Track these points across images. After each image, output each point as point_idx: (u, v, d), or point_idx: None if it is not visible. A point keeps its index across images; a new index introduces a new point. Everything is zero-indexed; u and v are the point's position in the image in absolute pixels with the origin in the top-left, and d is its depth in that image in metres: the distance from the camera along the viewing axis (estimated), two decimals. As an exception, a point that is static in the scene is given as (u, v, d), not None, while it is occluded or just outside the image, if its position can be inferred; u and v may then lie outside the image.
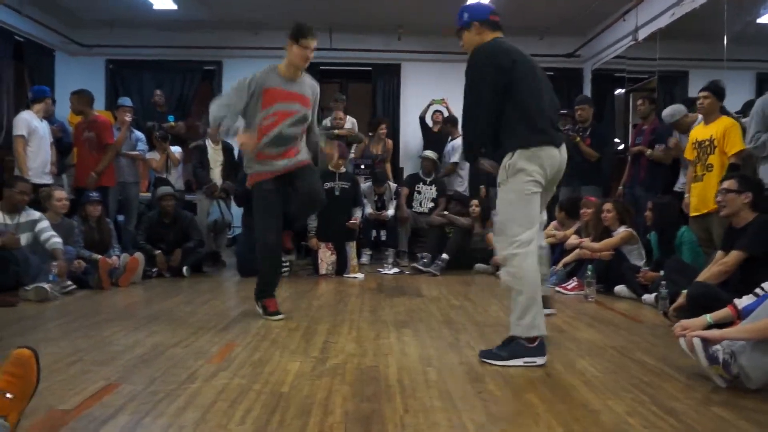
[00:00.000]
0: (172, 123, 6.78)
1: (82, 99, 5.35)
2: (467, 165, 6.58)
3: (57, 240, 4.15)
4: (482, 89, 2.49)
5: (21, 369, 1.67)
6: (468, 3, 2.69)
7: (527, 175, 2.44)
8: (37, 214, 4.24)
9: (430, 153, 6.44)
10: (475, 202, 5.83)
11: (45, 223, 4.22)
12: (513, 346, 2.42)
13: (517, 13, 6.96)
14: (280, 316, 3.32)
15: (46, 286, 3.83)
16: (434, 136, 7.02)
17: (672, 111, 4.72)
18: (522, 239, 2.43)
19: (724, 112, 4.22)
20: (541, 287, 2.50)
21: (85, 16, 7.28)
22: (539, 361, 2.40)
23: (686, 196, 4.34)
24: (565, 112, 6.79)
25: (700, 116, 4.37)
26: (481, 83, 2.49)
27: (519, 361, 2.39)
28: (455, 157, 6.65)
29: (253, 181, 3.34)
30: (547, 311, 2.74)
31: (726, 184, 3.14)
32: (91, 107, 5.43)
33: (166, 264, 5.01)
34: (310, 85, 3.51)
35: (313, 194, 3.36)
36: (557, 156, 2.53)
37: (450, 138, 6.78)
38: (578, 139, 5.52)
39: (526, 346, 2.40)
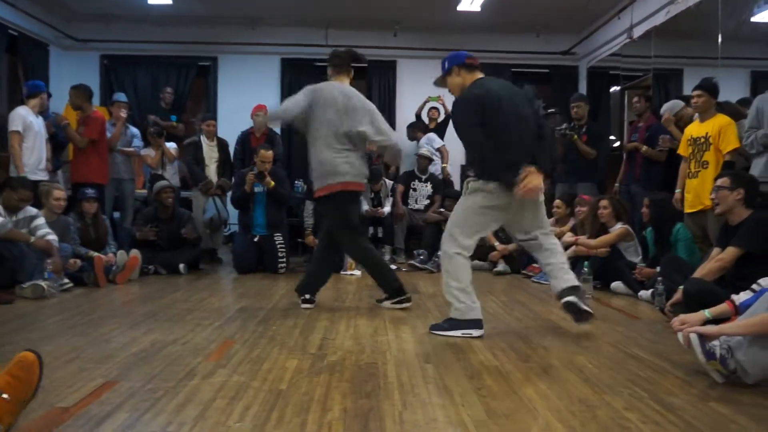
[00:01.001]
0: (174, 123, 6.76)
1: (80, 94, 5.32)
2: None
3: (52, 237, 4.14)
4: (474, 132, 2.87)
5: (23, 372, 1.66)
6: (448, 54, 3.13)
7: (482, 198, 2.90)
8: (34, 211, 4.23)
9: (425, 150, 6.46)
10: None
11: (41, 220, 4.20)
12: (452, 321, 2.91)
13: (513, 11, 6.98)
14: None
15: (43, 283, 3.81)
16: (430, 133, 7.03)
17: (670, 106, 4.74)
18: (465, 244, 2.95)
19: (729, 106, 4.24)
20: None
21: (79, 10, 7.23)
22: (476, 333, 2.86)
23: (677, 191, 4.36)
24: (553, 110, 6.83)
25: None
26: (470, 130, 2.88)
27: (458, 332, 2.86)
28: (436, 144, 6.80)
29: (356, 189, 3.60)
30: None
31: (719, 182, 3.16)
32: (90, 102, 5.41)
33: (154, 233, 5.00)
34: None
35: None
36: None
37: (417, 140, 6.90)
38: (576, 137, 5.54)
39: (462, 320, 2.89)
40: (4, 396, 1.58)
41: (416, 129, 7.02)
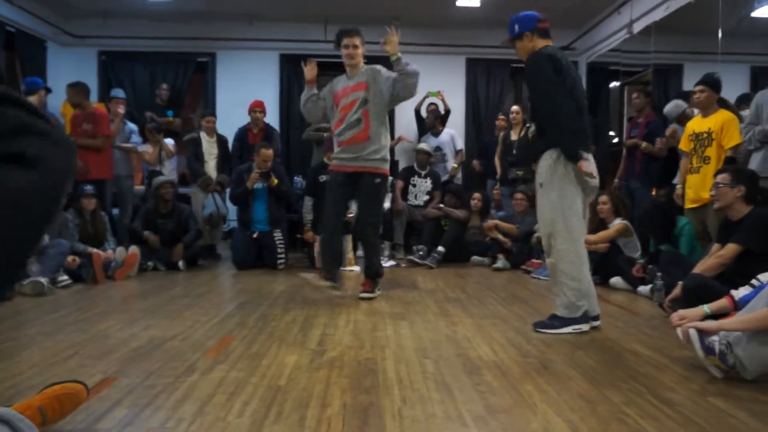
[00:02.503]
0: (170, 118, 6.74)
1: (78, 91, 5.32)
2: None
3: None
4: (555, 87, 2.71)
5: (70, 405, 1.67)
6: (517, 15, 2.95)
7: (571, 173, 2.75)
8: None
9: (424, 146, 6.44)
10: (477, 195, 5.84)
11: None
12: (562, 318, 2.82)
13: (513, 6, 6.92)
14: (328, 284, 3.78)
15: (43, 280, 3.81)
16: (430, 129, 7.02)
17: (673, 106, 4.74)
18: (576, 231, 2.81)
19: (725, 104, 4.23)
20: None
21: (77, 6, 7.20)
22: (585, 327, 2.81)
23: (678, 187, 4.36)
24: None
25: (696, 110, 4.40)
26: (551, 83, 2.72)
27: (569, 329, 2.79)
28: (459, 144, 6.88)
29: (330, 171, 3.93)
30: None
31: (719, 178, 3.14)
32: (88, 99, 5.41)
33: (158, 242, 4.99)
34: (366, 71, 3.85)
35: (363, 215, 3.95)
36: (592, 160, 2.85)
37: (437, 132, 6.84)
38: None
39: (572, 317, 2.81)
40: (43, 411, 1.59)
41: (439, 121, 6.94)
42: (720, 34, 4.91)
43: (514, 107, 6.13)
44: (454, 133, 6.92)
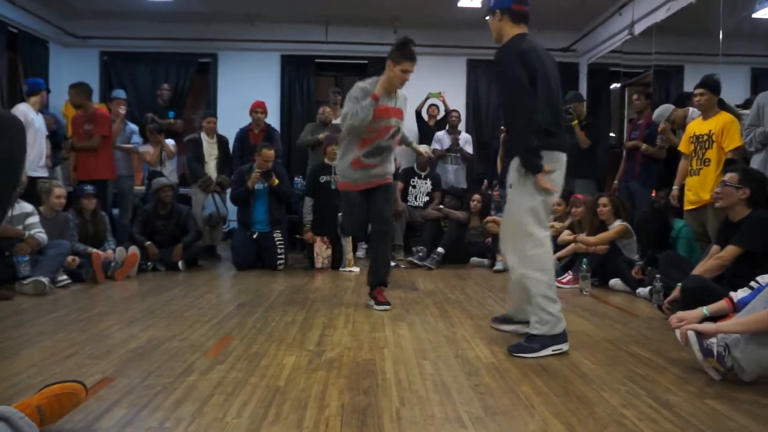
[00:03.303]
0: (172, 120, 6.75)
1: (81, 92, 5.33)
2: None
3: (42, 236, 4.14)
4: (523, 92, 2.46)
5: (69, 405, 1.68)
6: None
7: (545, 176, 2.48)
8: (29, 208, 4.21)
9: (425, 147, 6.44)
10: (477, 197, 5.84)
11: (35, 219, 4.19)
12: (540, 339, 2.51)
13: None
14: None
15: (44, 280, 3.82)
16: (430, 130, 7.02)
17: (661, 110, 4.77)
18: (543, 236, 2.52)
19: (725, 106, 4.23)
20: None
21: (79, 7, 7.21)
22: (565, 347, 2.52)
23: (674, 188, 4.36)
24: None
25: (691, 109, 4.40)
26: (520, 88, 2.47)
27: (548, 350, 2.49)
28: (470, 150, 6.84)
29: (342, 189, 3.71)
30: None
31: (727, 177, 3.09)
32: (90, 100, 5.42)
33: (158, 254, 5.00)
34: (402, 98, 3.75)
35: (379, 218, 3.59)
36: (564, 161, 2.59)
37: (454, 132, 6.82)
38: (575, 122, 5.48)
39: (552, 336, 2.50)
40: (42, 411, 1.59)
41: (458, 122, 6.94)
42: (721, 36, 4.91)
43: (515, 109, 6.12)
44: (468, 138, 6.90)
